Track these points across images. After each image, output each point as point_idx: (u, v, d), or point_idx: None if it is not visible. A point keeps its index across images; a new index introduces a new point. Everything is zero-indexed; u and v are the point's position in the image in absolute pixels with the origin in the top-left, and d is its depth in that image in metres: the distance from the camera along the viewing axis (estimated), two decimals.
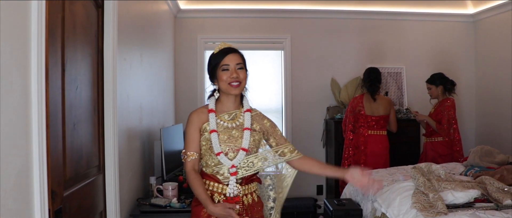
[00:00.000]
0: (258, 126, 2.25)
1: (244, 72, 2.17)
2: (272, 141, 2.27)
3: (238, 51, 2.21)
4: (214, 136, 2.12)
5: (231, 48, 2.18)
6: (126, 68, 3.08)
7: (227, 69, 2.13)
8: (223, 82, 2.14)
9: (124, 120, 3.00)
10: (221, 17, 5.72)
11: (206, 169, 2.18)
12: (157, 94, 4.27)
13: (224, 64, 2.14)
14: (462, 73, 5.83)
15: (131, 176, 3.15)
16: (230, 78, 2.12)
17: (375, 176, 4.04)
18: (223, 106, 2.23)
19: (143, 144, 3.56)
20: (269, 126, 2.29)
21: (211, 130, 2.13)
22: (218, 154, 2.10)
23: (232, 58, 2.15)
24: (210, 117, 2.16)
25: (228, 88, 2.14)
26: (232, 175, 2.12)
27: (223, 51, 2.17)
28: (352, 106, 4.88)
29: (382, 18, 5.93)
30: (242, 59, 2.20)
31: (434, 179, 3.11)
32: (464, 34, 6.10)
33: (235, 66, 2.14)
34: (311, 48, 5.85)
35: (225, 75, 2.13)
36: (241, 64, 2.17)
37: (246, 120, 2.20)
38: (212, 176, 2.16)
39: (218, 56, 2.16)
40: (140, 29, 3.56)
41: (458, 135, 4.79)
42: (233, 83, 2.13)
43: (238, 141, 2.15)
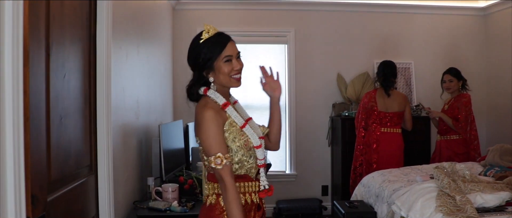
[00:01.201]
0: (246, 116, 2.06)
1: (242, 61, 1.95)
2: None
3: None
4: (248, 129, 1.88)
5: (227, 34, 1.92)
6: (122, 57, 2.80)
7: (230, 60, 1.87)
8: (225, 76, 1.87)
9: (119, 114, 2.73)
10: (222, 9, 5.45)
11: (238, 171, 1.88)
12: (155, 88, 3.99)
13: (227, 54, 1.86)
14: (472, 69, 5.58)
15: (127, 177, 2.87)
16: (234, 71, 1.88)
17: (387, 176, 3.78)
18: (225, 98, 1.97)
19: (140, 142, 3.29)
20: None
21: (243, 124, 1.88)
22: (258, 146, 1.88)
23: (233, 47, 1.90)
24: (230, 111, 1.88)
25: (230, 81, 1.90)
26: (261, 167, 1.91)
27: (221, 38, 1.89)
28: (364, 102, 4.62)
29: (390, 11, 5.69)
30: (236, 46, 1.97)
31: (459, 180, 2.84)
32: (474, 28, 5.89)
33: (236, 56, 1.90)
34: (316, 42, 5.60)
35: (228, 68, 1.86)
36: (239, 52, 1.94)
37: (242, 110, 2.04)
38: (245, 176, 1.90)
39: (216, 45, 1.86)
40: (136, 18, 3.28)
41: (475, 132, 4.55)
42: (236, 76, 1.90)
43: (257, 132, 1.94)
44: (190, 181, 3.05)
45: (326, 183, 5.63)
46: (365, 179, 4.05)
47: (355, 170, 4.68)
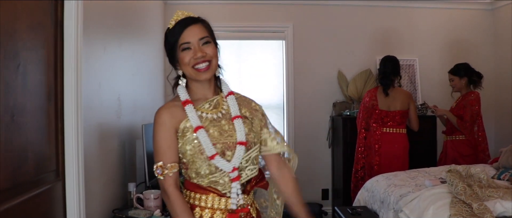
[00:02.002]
0: (247, 111, 1.73)
1: (213, 47, 1.63)
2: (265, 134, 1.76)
3: (201, 20, 1.67)
4: (201, 133, 1.57)
5: (190, 18, 1.64)
6: (98, 50, 2.51)
7: (188, 48, 1.60)
8: (187, 66, 1.61)
9: (95, 113, 2.44)
10: (216, 3, 5.17)
11: (199, 181, 1.61)
12: (142, 86, 3.70)
13: (183, 42, 1.60)
14: (480, 65, 5.26)
15: (105, 182, 2.58)
16: (193, 60, 1.59)
17: (393, 180, 3.49)
18: (196, 95, 1.69)
19: (123, 144, 3.00)
20: (258, 108, 1.79)
21: (196, 127, 1.58)
22: (212, 157, 1.55)
23: (192, 32, 1.60)
24: (188, 110, 1.60)
25: (194, 73, 1.61)
26: (233, 180, 1.58)
27: (180, 24, 1.62)
28: (365, 100, 4.36)
29: (393, 5, 5.44)
30: (207, 30, 1.65)
31: (475, 185, 2.55)
32: (482, 23, 5.64)
33: (198, 42, 1.60)
34: (315, 37, 5.33)
35: (187, 57, 1.60)
36: (207, 37, 1.63)
37: (232, 105, 1.68)
38: (211, 189, 1.60)
39: (174, 32, 1.62)
40: (119, 10, 3.00)
41: (483, 132, 4.27)
42: (199, 66, 1.60)
43: (234, 134, 1.62)
44: None
45: (327, 186, 5.36)
46: (369, 183, 3.76)
47: (357, 173, 4.41)
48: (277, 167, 1.77)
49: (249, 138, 1.64)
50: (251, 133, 1.66)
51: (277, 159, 1.77)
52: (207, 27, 1.65)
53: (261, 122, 1.74)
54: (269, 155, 1.74)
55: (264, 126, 1.74)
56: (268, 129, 1.75)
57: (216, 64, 1.65)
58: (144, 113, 3.67)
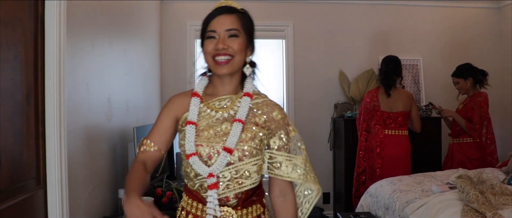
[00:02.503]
0: (262, 118, 1.52)
1: (239, 42, 1.48)
2: (275, 143, 1.54)
3: (237, 11, 1.53)
4: (189, 129, 1.46)
5: (226, 6, 1.53)
6: (85, 48, 2.35)
7: (213, 37, 1.48)
8: (208, 56, 1.49)
9: (82, 115, 2.28)
10: (214, 2, 4.97)
11: (189, 183, 1.52)
12: (135, 86, 3.55)
13: (210, 29, 1.49)
14: (485, 65, 5.08)
15: (93, 189, 2.42)
16: (214, 50, 1.47)
17: (398, 185, 3.34)
18: (215, 89, 1.57)
19: (113, 147, 2.84)
20: (280, 119, 1.55)
21: (187, 121, 1.48)
22: (189, 155, 1.44)
23: (222, 21, 1.48)
24: (192, 103, 1.51)
25: (213, 65, 1.49)
26: (210, 188, 1.43)
27: (214, 11, 1.52)
28: (366, 101, 4.20)
29: (396, 3, 5.30)
30: (241, 23, 1.51)
31: (488, 192, 2.39)
32: (487, 22, 5.50)
33: (224, 32, 1.47)
34: (316, 37, 5.18)
35: (210, 46, 1.48)
36: (235, 30, 1.48)
37: (241, 108, 1.50)
38: (195, 193, 1.49)
39: (206, 19, 1.52)
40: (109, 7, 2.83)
41: (492, 134, 4.12)
42: (218, 58, 1.47)
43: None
44: (169, 193, 2.60)
45: (328, 190, 5.20)
46: (372, 188, 3.60)
47: (358, 177, 4.25)
48: (280, 191, 1.58)
49: (245, 146, 1.46)
50: (252, 142, 1.47)
51: (283, 184, 1.57)
52: (242, 20, 1.52)
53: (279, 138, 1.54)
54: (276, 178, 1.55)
55: (282, 146, 1.54)
56: (286, 149, 1.55)
57: (239, 61, 1.50)
58: (137, 115, 3.52)
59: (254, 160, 1.47)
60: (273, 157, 1.52)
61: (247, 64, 1.55)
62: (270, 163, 1.53)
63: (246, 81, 1.56)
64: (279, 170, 1.52)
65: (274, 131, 1.53)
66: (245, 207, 1.49)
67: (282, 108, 1.60)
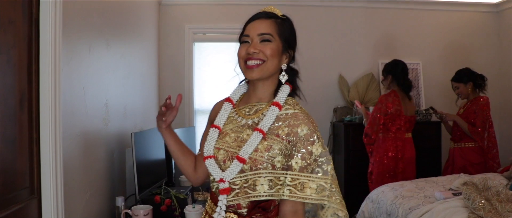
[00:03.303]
0: (286, 130, 1.42)
1: (272, 47, 1.44)
2: (297, 163, 1.39)
3: (275, 16, 1.50)
4: (212, 132, 1.51)
5: (263, 12, 1.52)
6: (82, 50, 2.29)
7: (246, 42, 1.48)
8: (240, 60, 1.48)
9: (79, 120, 2.22)
10: (212, 4, 4.96)
11: (211, 184, 1.54)
12: (133, 90, 3.48)
13: (244, 34, 1.50)
14: (485, 69, 5.05)
15: (89, 197, 2.35)
16: (246, 54, 1.46)
17: (400, 191, 3.28)
18: (249, 96, 1.57)
19: (111, 153, 2.77)
20: (304, 136, 1.40)
21: (212, 124, 1.54)
22: (206, 157, 1.47)
23: (256, 26, 1.47)
24: (223, 108, 1.56)
25: (243, 68, 1.48)
26: (220, 192, 1.42)
27: (252, 16, 1.52)
28: (388, 105, 3.99)
29: (396, 7, 5.25)
30: (274, 27, 1.47)
31: (494, 199, 2.34)
32: (487, 26, 5.47)
33: (256, 36, 1.46)
34: (315, 41, 5.12)
35: (243, 50, 1.47)
36: (268, 35, 1.45)
37: (267, 117, 1.43)
38: (214, 195, 1.51)
39: (245, 23, 1.52)
40: (107, 9, 2.77)
41: (494, 139, 4.07)
42: (250, 62, 1.45)
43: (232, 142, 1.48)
44: (167, 201, 2.53)
45: None
46: (374, 193, 3.54)
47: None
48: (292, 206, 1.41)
49: (259, 157, 1.39)
50: (268, 153, 1.39)
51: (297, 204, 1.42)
52: (278, 26, 1.49)
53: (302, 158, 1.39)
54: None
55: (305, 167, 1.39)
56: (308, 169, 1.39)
57: (271, 67, 1.46)
58: (135, 120, 3.45)
59: (265, 173, 1.39)
60: (295, 178, 1.39)
61: (283, 72, 1.50)
62: (292, 185, 1.39)
63: (280, 89, 1.50)
64: (302, 192, 1.38)
65: (296, 148, 1.40)
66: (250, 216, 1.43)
67: (313, 122, 1.45)
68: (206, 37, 5.07)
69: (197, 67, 5.02)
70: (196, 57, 5.02)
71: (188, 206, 2.46)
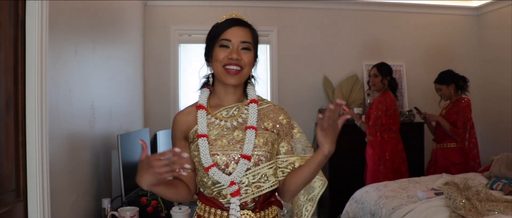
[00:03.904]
0: (270, 123, 1.56)
1: (250, 55, 1.54)
2: (283, 147, 1.58)
3: (250, 26, 1.58)
4: (202, 142, 1.49)
5: (240, 19, 1.57)
6: (68, 53, 2.29)
7: (226, 46, 1.52)
8: (218, 64, 1.52)
9: (64, 122, 2.22)
10: (198, 6, 4.97)
11: (204, 190, 1.54)
12: (119, 92, 3.47)
13: (224, 38, 1.53)
14: (466, 71, 5.13)
15: (75, 200, 2.35)
16: (227, 59, 1.51)
17: (384, 191, 3.34)
18: (219, 100, 1.61)
19: (96, 155, 2.77)
20: (285, 124, 1.60)
21: (198, 135, 1.50)
22: (208, 168, 1.47)
23: (237, 32, 1.53)
24: (199, 116, 1.54)
25: (222, 73, 1.52)
26: (232, 195, 1.48)
27: (228, 21, 1.56)
28: (386, 105, 4.06)
29: (379, 9, 5.31)
30: (252, 37, 1.56)
31: (474, 198, 2.40)
32: (468, 29, 5.57)
33: (238, 43, 1.52)
34: (300, 42, 5.16)
35: (222, 54, 1.51)
36: (249, 43, 1.53)
37: (251, 114, 1.54)
38: (213, 200, 1.52)
39: (219, 27, 1.56)
40: (91, 10, 2.76)
41: (475, 139, 4.15)
42: (230, 67, 1.51)
43: (243, 146, 1.50)
44: (154, 203, 2.54)
45: None
46: (358, 193, 3.59)
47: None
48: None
49: (259, 151, 1.50)
50: (266, 146, 1.51)
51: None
52: (253, 35, 1.58)
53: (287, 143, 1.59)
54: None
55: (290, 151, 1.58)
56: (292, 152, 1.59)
57: (247, 73, 1.55)
58: (121, 121, 3.45)
59: (269, 164, 1.51)
60: (285, 160, 1.56)
61: (253, 78, 1.62)
62: (283, 167, 1.56)
63: (248, 88, 1.62)
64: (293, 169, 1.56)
65: (282, 136, 1.58)
66: (262, 209, 1.52)
67: (286, 112, 1.64)
68: (191, 39, 5.07)
69: (183, 69, 5.02)
70: (181, 59, 5.02)
71: (174, 207, 2.47)
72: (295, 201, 1.70)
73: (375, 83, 4.17)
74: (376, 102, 4.07)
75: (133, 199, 2.69)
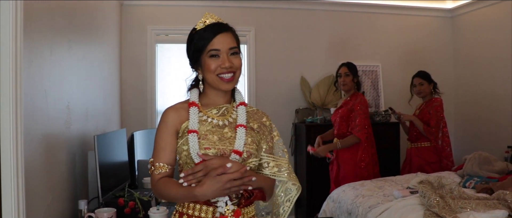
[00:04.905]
0: (255, 124, 1.67)
1: (240, 59, 1.61)
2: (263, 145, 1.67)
3: (232, 29, 1.63)
4: (192, 138, 1.53)
5: (222, 24, 1.60)
6: (43, 52, 2.25)
7: (216, 56, 1.57)
8: (211, 74, 1.58)
9: (40, 123, 2.18)
10: (175, 6, 4.95)
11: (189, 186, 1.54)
12: (95, 93, 3.43)
13: (212, 48, 1.56)
14: (440, 72, 5.30)
15: (51, 202, 2.31)
16: (220, 69, 1.56)
17: (360, 190, 3.39)
18: (209, 100, 1.67)
19: (73, 156, 2.73)
20: (268, 125, 1.71)
21: (189, 130, 1.55)
22: (199, 163, 1.51)
23: (223, 40, 1.57)
24: (191, 113, 1.59)
25: (217, 82, 1.59)
26: None
27: (212, 29, 1.58)
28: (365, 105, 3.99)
29: (356, 10, 5.40)
30: (236, 40, 1.62)
31: (448, 196, 2.46)
32: (442, 30, 5.72)
33: (227, 51, 1.57)
34: (278, 42, 5.19)
35: (214, 64, 1.56)
36: (236, 48, 1.60)
37: (240, 115, 1.63)
38: None
39: (204, 36, 1.57)
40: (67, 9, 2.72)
41: (448, 138, 4.24)
42: (224, 75, 1.57)
43: (233, 142, 1.57)
44: (131, 204, 2.52)
45: None
46: (335, 193, 3.63)
47: None
48: None
49: (249, 148, 1.58)
50: (254, 144, 1.60)
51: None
52: (236, 37, 1.63)
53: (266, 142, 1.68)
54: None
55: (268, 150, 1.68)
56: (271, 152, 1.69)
57: (239, 76, 1.62)
58: (97, 122, 3.41)
59: (255, 160, 1.61)
60: (262, 158, 1.66)
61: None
62: (259, 163, 1.66)
63: (236, 92, 1.70)
64: (266, 169, 1.66)
65: (263, 136, 1.66)
66: (247, 205, 1.57)
67: (268, 116, 1.76)
68: (168, 39, 5.05)
69: (160, 69, 4.99)
70: (158, 59, 4.99)
71: (152, 208, 2.46)
72: (274, 200, 1.76)
73: (347, 83, 4.03)
74: (358, 104, 3.92)
75: (110, 200, 2.67)
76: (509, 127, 4.76)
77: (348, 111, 3.98)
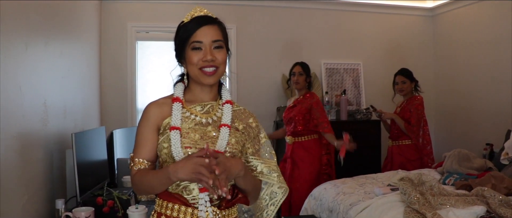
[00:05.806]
0: (241, 125, 1.61)
1: (224, 53, 1.55)
2: (249, 149, 1.62)
3: (218, 22, 1.58)
4: (174, 135, 1.48)
5: (207, 16, 1.55)
6: (18, 48, 2.19)
7: (198, 48, 1.52)
8: (193, 67, 1.53)
9: (14, 121, 2.13)
10: (155, 3, 4.89)
11: (170, 187, 1.52)
12: (74, 90, 3.37)
13: (195, 40, 1.52)
14: (420, 70, 5.33)
15: (27, 201, 2.26)
16: (202, 62, 1.52)
17: (341, 187, 3.40)
18: (194, 96, 1.62)
19: (50, 154, 2.67)
20: (255, 127, 1.65)
21: (171, 127, 1.50)
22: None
23: (207, 32, 1.52)
24: (174, 108, 1.54)
25: (199, 75, 1.54)
26: (201, 191, 1.47)
27: (196, 21, 1.53)
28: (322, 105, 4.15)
29: (338, 8, 5.42)
30: (222, 33, 1.57)
31: (428, 193, 2.48)
32: (423, 29, 5.78)
33: (210, 43, 1.52)
34: (259, 40, 5.19)
35: (196, 57, 1.52)
36: (220, 41, 1.54)
37: (225, 114, 1.57)
38: (176, 196, 1.50)
39: (188, 28, 1.53)
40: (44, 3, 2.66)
41: (428, 136, 4.28)
42: (206, 69, 1.52)
43: (216, 142, 1.51)
44: (110, 202, 2.48)
45: None
46: (316, 190, 3.63)
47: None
48: None
49: (233, 149, 1.52)
50: (237, 145, 1.54)
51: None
52: (222, 31, 1.57)
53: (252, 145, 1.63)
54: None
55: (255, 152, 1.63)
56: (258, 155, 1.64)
57: (223, 71, 1.56)
58: (75, 120, 3.34)
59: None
60: (249, 161, 1.61)
61: (226, 77, 1.63)
62: (248, 165, 1.60)
63: (223, 89, 1.64)
64: (255, 172, 1.61)
65: (250, 138, 1.62)
66: (227, 207, 1.52)
67: (255, 117, 1.69)
68: (149, 36, 4.99)
69: (140, 66, 4.93)
70: (139, 56, 4.93)
71: (131, 207, 2.42)
72: (257, 203, 1.71)
73: (300, 82, 4.09)
74: (315, 104, 4.01)
75: (89, 199, 2.62)
76: (487, 124, 4.83)
77: (306, 109, 4.04)
